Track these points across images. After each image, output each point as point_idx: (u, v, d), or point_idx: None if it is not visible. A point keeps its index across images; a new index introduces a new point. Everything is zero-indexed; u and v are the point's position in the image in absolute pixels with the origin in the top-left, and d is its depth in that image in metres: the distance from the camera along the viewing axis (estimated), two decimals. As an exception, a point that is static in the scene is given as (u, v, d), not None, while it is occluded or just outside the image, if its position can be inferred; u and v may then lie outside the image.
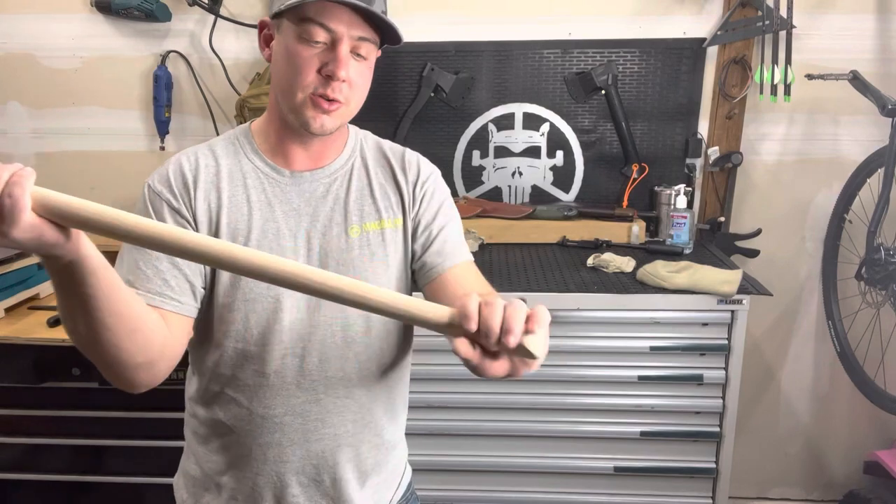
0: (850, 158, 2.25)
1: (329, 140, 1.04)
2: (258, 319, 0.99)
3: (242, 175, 1.02)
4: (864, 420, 2.45)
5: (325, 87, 0.94)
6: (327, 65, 0.93)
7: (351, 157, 1.08)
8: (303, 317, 1.00)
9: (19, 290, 1.97)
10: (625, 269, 1.99)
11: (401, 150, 1.12)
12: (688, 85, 2.29)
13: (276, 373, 1.00)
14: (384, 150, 1.11)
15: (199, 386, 1.06)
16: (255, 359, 1.00)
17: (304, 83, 0.94)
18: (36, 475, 1.94)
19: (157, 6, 2.21)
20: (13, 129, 2.42)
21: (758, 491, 2.58)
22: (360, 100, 1.01)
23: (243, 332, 0.99)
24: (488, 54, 2.29)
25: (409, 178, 1.09)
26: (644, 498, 2.01)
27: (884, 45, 2.20)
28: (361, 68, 0.97)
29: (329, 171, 1.05)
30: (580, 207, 2.29)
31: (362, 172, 1.07)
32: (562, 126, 2.34)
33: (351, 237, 1.02)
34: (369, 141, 1.13)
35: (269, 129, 1.04)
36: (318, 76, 0.94)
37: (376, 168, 1.09)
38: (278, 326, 0.99)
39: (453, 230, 1.10)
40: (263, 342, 0.99)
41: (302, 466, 1.04)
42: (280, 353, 1.00)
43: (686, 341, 1.90)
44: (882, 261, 2.01)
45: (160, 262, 0.94)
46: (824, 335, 2.38)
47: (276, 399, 1.01)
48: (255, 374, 1.00)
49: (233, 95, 2.25)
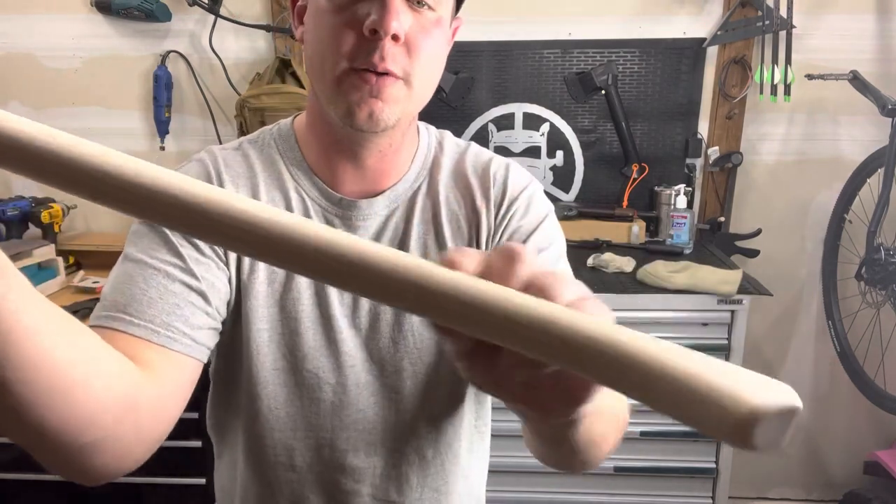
0: (850, 158, 2.25)
1: (391, 153, 0.76)
2: (288, 395, 0.78)
3: (284, 196, 0.76)
4: (864, 420, 2.45)
5: (369, 52, 0.65)
6: (371, 15, 0.64)
7: (419, 176, 0.80)
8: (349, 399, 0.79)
9: (19, 290, 1.97)
10: (625, 269, 1.99)
11: (485, 162, 0.82)
12: (688, 85, 2.29)
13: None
14: (468, 164, 0.82)
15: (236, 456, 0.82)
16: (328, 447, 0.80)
17: (340, 48, 0.66)
18: (36, 475, 1.94)
19: (157, 6, 2.21)
20: (13, 129, 2.42)
21: (758, 491, 2.58)
22: (428, 76, 0.72)
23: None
24: (488, 54, 2.29)
25: (492, 198, 0.80)
26: (644, 498, 2.01)
27: (884, 45, 2.20)
28: (427, 24, 0.68)
29: (390, 197, 0.78)
30: (580, 207, 2.29)
31: (431, 198, 0.79)
32: (562, 126, 2.34)
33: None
34: (449, 150, 0.83)
35: (310, 135, 0.78)
36: (359, 38, 0.66)
37: (450, 191, 0.80)
38: (314, 409, 0.79)
39: (552, 256, 0.81)
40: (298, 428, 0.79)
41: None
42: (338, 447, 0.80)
43: (686, 341, 1.89)
44: (882, 261, 2.01)
45: (174, 273, 0.68)
46: (824, 335, 2.38)
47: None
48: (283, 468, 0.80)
49: (233, 95, 2.25)
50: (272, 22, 2.25)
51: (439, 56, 0.73)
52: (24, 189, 2.44)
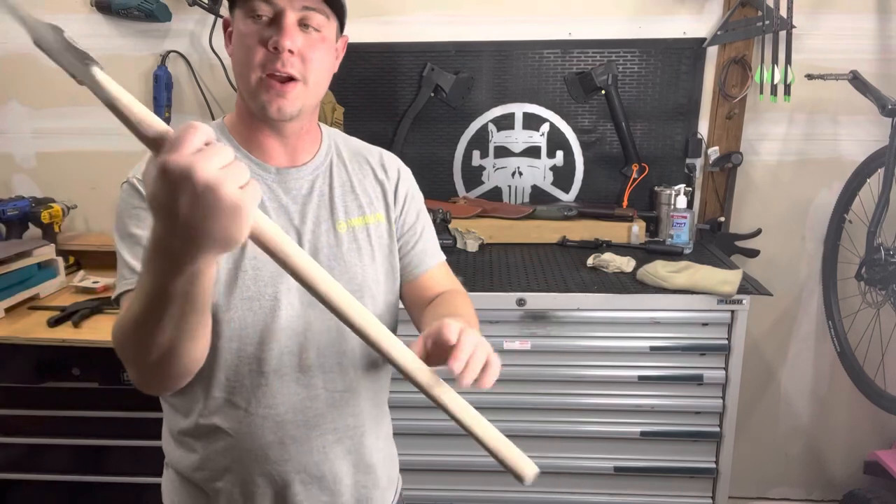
0: (850, 158, 2.25)
1: (303, 133, 1.03)
2: (255, 318, 0.97)
3: None
4: (864, 420, 2.45)
5: (273, 62, 0.92)
6: (272, 37, 0.92)
7: (328, 154, 1.09)
8: (297, 313, 0.99)
9: (19, 290, 1.97)
10: (625, 269, 2.00)
11: (377, 150, 1.15)
12: (688, 85, 2.29)
13: (274, 371, 0.99)
14: (359, 149, 1.14)
15: (191, 393, 1.01)
16: (253, 359, 0.98)
17: (253, 61, 0.93)
18: (36, 475, 1.94)
19: (157, 6, 2.21)
20: (13, 129, 2.42)
21: (758, 491, 2.58)
22: (318, 78, 0.98)
23: (239, 331, 0.96)
24: (488, 54, 2.29)
25: (391, 177, 1.12)
26: (644, 498, 2.01)
27: (884, 45, 2.20)
28: (313, 41, 0.95)
29: (311, 167, 1.05)
30: (580, 207, 2.29)
31: (341, 169, 1.09)
32: (562, 126, 2.34)
33: (339, 233, 1.03)
34: (341, 139, 1.14)
35: (241, 124, 1.03)
36: (266, 52, 0.92)
37: (353, 165, 1.10)
38: (276, 325, 0.97)
39: (431, 233, 1.16)
40: (261, 341, 0.97)
41: (304, 464, 1.03)
42: (278, 350, 0.98)
43: (686, 341, 1.90)
44: (882, 261, 2.01)
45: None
46: (824, 335, 2.38)
47: (276, 398, 1.00)
48: (252, 375, 0.99)
49: (233, 95, 2.24)
50: (272, 22, 2.25)
51: (327, 61, 0.98)
52: (25, 189, 2.45)
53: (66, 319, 1.86)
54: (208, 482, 1.05)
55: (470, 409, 0.78)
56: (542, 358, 1.92)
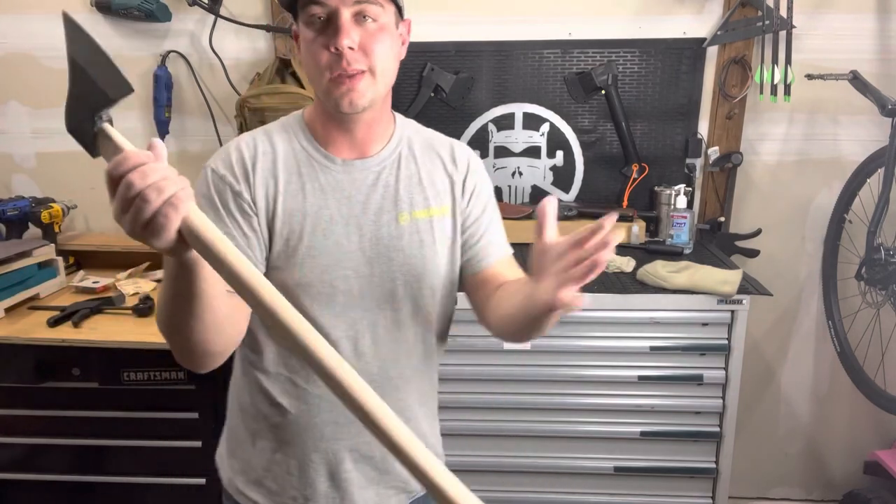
0: (850, 158, 2.25)
1: (373, 124, 1.06)
2: (311, 304, 1.02)
3: (297, 162, 1.05)
4: (864, 420, 2.45)
5: (338, 62, 0.95)
6: (331, 39, 0.95)
7: (398, 146, 1.10)
8: (355, 302, 1.04)
9: (19, 290, 1.97)
10: (625, 269, 2.00)
11: (449, 142, 1.16)
12: (688, 85, 2.29)
13: None
14: (431, 141, 1.15)
15: (256, 368, 1.09)
16: None
17: (320, 65, 0.96)
18: (36, 475, 1.94)
19: (157, 6, 2.21)
20: (13, 129, 2.42)
21: (758, 491, 2.58)
22: (385, 67, 1.01)
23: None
24: (488, 54, 2.29)
25: (460, 169, 1.13)
26: (644, 498, 2.01)
27: (884, 45, 2.20)
28: (373, 32, 0.97)
29: (378, 159, 1.08)
30: (580, 207, 2.29)
31: (410, 161, 1.10)
32: (562, 126, 2.34)
33: (401, 224, 1.06)
34: (413, 129, 1.16)
35: (316, 119, 1.07)
36: (329, 54, 0.95)
37: (424, 158, 1.12)
38: (331, 311, 1.03)
39: (498, 226, 1.17)
40: (318, 326, 1.00)
41: (356, 443, 1.09)
42: (335, 336, 1.03)
43: (686, 341, 1.90)
44: (882, 261, 2.01)
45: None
46: (824, 335, 2.38)
47: None
48: None
49: (233, 95, 2.25)
50: (272, 22, 2.25)
51: (391, 48, 1.01)
52: (24, 189, 2.45)
53: (66, 319, 1.86)
54: (267, 452, 1.12)
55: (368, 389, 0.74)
56: (542, 358, 1.92)
